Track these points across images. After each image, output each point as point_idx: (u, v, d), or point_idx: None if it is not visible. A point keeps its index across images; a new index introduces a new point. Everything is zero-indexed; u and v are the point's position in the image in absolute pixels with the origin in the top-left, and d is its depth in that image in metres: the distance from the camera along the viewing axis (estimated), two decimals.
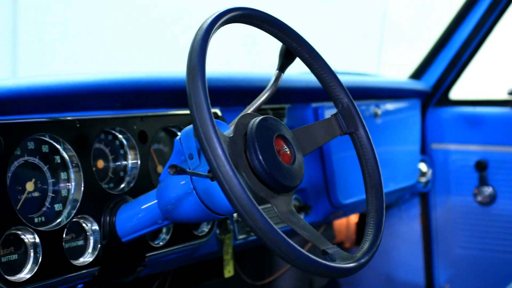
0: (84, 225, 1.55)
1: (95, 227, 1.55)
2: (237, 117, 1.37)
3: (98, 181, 1.58)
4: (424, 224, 3.02)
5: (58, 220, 1.50)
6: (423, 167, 2.94)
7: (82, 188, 1.54)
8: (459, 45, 2.89)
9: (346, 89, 1.51)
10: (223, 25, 1.32)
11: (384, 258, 3.06)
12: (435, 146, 2.97)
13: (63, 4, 4.85)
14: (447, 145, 2.95)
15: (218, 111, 1.88)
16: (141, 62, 4.81)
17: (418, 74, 3.01)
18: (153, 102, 1.77)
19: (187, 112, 1.79)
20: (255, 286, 2.60)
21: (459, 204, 2.92)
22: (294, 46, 1.47)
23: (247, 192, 1.15)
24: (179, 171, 1.23)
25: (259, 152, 1.29)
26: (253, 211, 1.14)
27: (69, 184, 1.54)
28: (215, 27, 1.29)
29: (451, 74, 2.94)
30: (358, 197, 2.42)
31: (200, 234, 1.79)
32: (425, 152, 2.97)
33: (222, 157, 1.15)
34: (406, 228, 3.06)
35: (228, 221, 1.91)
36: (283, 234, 1.17)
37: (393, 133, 2.69)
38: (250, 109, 1.49)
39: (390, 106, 2.68)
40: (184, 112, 1.81)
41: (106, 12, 4.92)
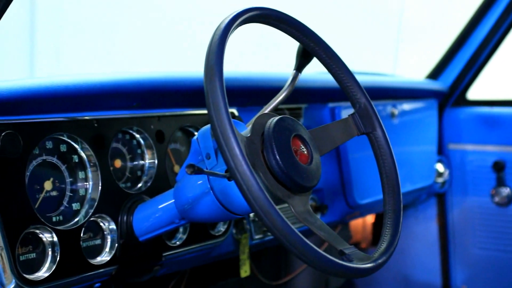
0: (102, 224, 1.55)
1: (112, 226, 1.56)
2: (254, 117, 1.37)
3: (116, 181, 1.59)
4: (441, 225, 3.01)
5: (76, 219, 1.51)
6: (440, 168, 2.92)
7: (100, 188, 1.55)
8: (477, 45, 2.87)
9: (364, 89, 1.51)
10: (241, 25, 1.32)
11: (401, 259, 3.05)
12: (452, 147, 2.95)
13: (80, 4, 4.87)
14: (464, 146, 2.93)
15: (235, 111, 1.88)
16: (159, 62, 4.81)
17: (435, 74, 2.99)
18: (171, 102, 1.77)
19: (204, 112, 1.80)
20: (271, 286, 2.60)
21: (476, 205, 2.90)
22: (312, 46, 1.47)
23: (265, 192, 1.14)
24: (197, 171, 1.23)
25: (277, 152, 1.29)
26: (271, 211, 1.14)
27: (87, 184, 1.55)
28: (233, 27, 1.29)
29: (469, 74, 2.93)
30: (375, 198, 2.42)
31: (217, 234, 1.79)
32: (442, 153, 2.96)
33: (240, 157, 1.15)
34: (423, 229, 3.04)
35: (245, 221, 1.91)
36: (301, 235, 1.17)
37: (410, 134, 2.68)
38: (267, 109, 1.49)
39: (407, 106, 2.67)
40: (201, 112, 1.81)
41: (123, 12, 4.94)
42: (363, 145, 1.76)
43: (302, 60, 1.52)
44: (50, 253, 1.44)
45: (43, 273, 1.42)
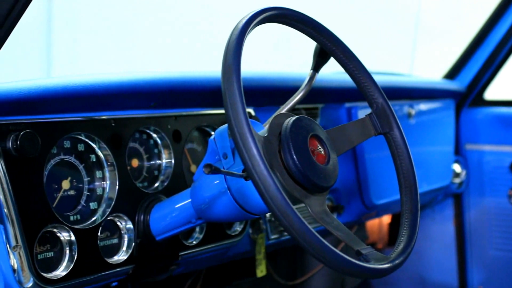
0: (119, 224, 1.56)
1: (130, 226, 1.56)
2: (272, 117, 1.37)
3: (133, 180, 1.59)
4: (458, 226, 2.99)
5: (93, 218, 1.52)
6: (457, 168, 2.91)
7: (117, 187, 1.55)
8: (495, 45, 2.85)
9: (381, 89, 1.50)
10: (258, 25, 1.32)
11: (417, 260, 3.04)
12: (470, 147, 2.94)
13: (97, 5, 4.89)
14: (482, 146, 2.92)
15: (252, 111, 1.88)
16: (175, 62, 4.83)
17: (452, 74, 2.98)
18: (188, 102, 1.77)
19: (221, 112, 1.80)
20: (287, 286, 2.60)
21: (493, 206, 2.89)
22: (329, 46, 1.47)
23: (282, 192, 1.14)
24: (214, 171, 1.23)
25: (294, 152, 1.29)
26: (288, 211, 1.14)
27: (104, 183, 1.56)
28: (250, 27, 1.29)
29: (486, 74, 2.91)
30: (391, 198, 2.41)
31: (233, 234, 1.79)
32: (459, 153, 2.95)
33: (257, 157, 1.15)
34: (440, 229, 3.03)
35: (261, 221, 1.91)
36: (318, 235, 1.17)
37: (427, 134, 2.67)
38: (284, 109, 1.49)
39: (424, 107, 2.66)
40: (218, 112, 1.81)
41: (139, 12, 4.95)
42: (380, 145, 1.75)
43: (319, 60, 1.52)
44: (68, 252, 1.44)
45: (61, 272, 1.43)
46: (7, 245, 1.34)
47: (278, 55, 4.97)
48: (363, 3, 5.13)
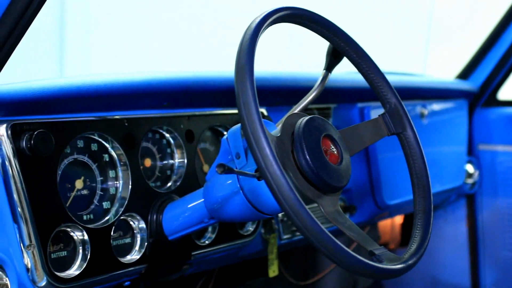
0: (132, 223, 1.56)
1: (142, 225, 1.57)
2: (284, 117, 1.37)
3: (145, 180, 1.59)
4: (470, 226, 2.98)
5: (106, 218, 1.52)
6: (470, 168, 2.90)
7: (130, 187, 1.56)
8: (508, 45, 2.84)
9: (394, 89, 1.50)
10: (271, 25, 1.32)
11: (430, 260, 3.03)
12: (483, 147, 2.92)
13: (109, 5, 4.90)
14: (495, 146, 2.90)
15: (264, 111, 1.88)
16: (187, 62, 4.83)
17: (466, 74, 2.97)
18: (200, 102, 1.78)
19: (234, 112, 1.80)
20: (299, 286, 2.60)
21: (506, 206, 2.87)
22: (342, 46, 1.47)
23: (295, 192, 1.14)
24: (227, 170, 1.23)
25: (306, 152, 1.29)
26: (301, 211, 1.14)
27: (117, 182, 1.56)
28: (263, 27, 1.29)
29: (500, 74, 2.90)
30: (404, 198, 2.40)
31: (245, 234, 1.80)
32: (472, 153, 2.93)
33: (270, 157, 1.15)
34: (452, 230, 3.02)
35: (273, 221, 1.91)
36: (331, 235, 1.17)
37: (440, 134, 2.66)
38: (297, 109, 1.49)
39: (437, 107, 2.65)
40: (231, 112, 1.81)
41: (153, 12, 4.96)
42: (392, 145, 1.75)
43: (332, 60, 1.52)
44: (81, 251, 1.45)
45: (74, 271, 1.43)
46: (21, 244, 1.35)
47: (291, 55, 4.96)
48: (376, 3, 5.12)
